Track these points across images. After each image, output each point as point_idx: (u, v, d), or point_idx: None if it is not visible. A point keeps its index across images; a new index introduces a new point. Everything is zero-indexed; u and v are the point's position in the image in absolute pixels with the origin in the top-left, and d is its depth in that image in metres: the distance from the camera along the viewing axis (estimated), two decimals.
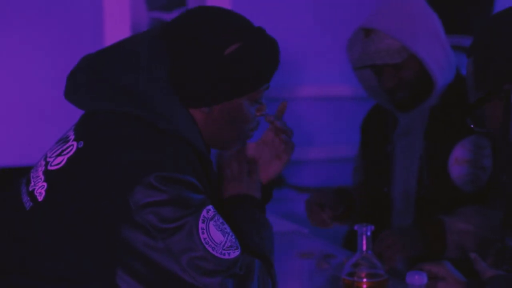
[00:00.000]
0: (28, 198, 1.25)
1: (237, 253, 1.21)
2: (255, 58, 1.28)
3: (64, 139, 1.30)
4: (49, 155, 1.28)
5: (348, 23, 2.43)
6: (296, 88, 3.37)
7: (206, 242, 1.17)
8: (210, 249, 1.17)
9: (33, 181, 1.27)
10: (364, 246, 1.38)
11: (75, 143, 1.24)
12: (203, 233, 1.18)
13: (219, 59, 1.26)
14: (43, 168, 1.28)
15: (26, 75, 3.07)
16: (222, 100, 1.28)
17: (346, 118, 4.24)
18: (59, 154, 1.25)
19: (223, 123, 1.32)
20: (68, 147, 1.26)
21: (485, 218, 1.96)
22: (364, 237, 1.38)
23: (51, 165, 1.25)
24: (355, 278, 1.35)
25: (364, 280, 1.35)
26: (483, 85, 1.38)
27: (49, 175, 1.25)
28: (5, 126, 2.98)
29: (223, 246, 1.19)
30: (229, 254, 1.19)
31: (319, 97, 3.48)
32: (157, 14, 5.93)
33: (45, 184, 1.24)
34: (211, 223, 1.19)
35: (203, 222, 1.18)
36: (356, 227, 1.43)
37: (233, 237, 1.22)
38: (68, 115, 1.50)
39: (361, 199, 2.23)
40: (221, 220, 1.23)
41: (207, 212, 1.21)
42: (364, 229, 1.38)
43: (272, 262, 1.32)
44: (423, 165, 2.06)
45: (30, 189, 1.27)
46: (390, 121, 2.16)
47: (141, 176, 1.15)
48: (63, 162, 1.24)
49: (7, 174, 2.69)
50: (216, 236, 1.19)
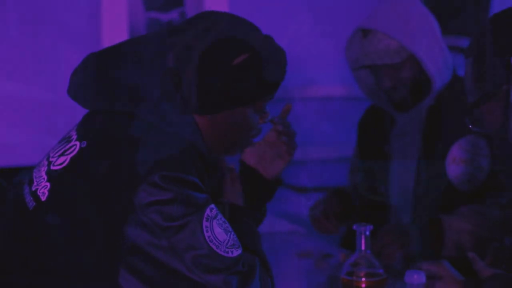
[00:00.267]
0: (31, 198, 1.25)
1: (240, 251, 1.22)
2: (262, 70, 1.29)
3: (67, 139, 1.30)
4: (52, 155, 1.28)
5: (347, 24, 2.44)
6: (295, 89, 3.37)
7: (210, 240, 1.18)
8: (214, 247, 1.18)
9: (36, 181, 1.27)
10: (363, 246, 1.39)
11: (78, 143, 1.25)
12: (207, 231, 1.18)
13: (226, 70, 1.27)
14: (46, 168, 1.28)
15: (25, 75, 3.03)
16: (226, 109, 1.29)
17: (343, 118, 4.25)
18: (62, 154, 1.26)
19: (226, 130, 1.32)
20: (71, 147, 1.26)
21: (483, 218, 1.96)
22: (363, 237, 1.38)
23: (54, 165, 1.26)
24: (354, 278, 1.36)
25: (363, 280, 1.36)
26: (482, 86, 1.38)
27: (52, 175, 1.25)
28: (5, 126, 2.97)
29: (227, 244, 1.19)
30: (232, 252, 1.20)
31: (316, 98, 3.48)
32: (155, 15, 5.93)
33: (48, 184, 1.24)
34: (215, 222, 1.20)
35: (207, 221, 1.19)
36: (355, 227, 1.43)
37: (235, 236, 1.23)
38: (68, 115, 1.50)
39: (359, 199, 2.24)
40: (224, 219, 1.23)
41: (211, 211, 1.21)
42: (363, 229, 1.39)
43: (268, 262, 1.33)
44: (421, 165, 2.07)
45: (33, 189, 1.27)
46: (387, 121, 2.16)
47: (146, 175, 1.16)
48: (66, 162, 1.24)
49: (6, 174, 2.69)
50: (220, 235, 1.20)
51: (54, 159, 1.27)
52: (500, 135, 1.58)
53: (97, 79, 1.28)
